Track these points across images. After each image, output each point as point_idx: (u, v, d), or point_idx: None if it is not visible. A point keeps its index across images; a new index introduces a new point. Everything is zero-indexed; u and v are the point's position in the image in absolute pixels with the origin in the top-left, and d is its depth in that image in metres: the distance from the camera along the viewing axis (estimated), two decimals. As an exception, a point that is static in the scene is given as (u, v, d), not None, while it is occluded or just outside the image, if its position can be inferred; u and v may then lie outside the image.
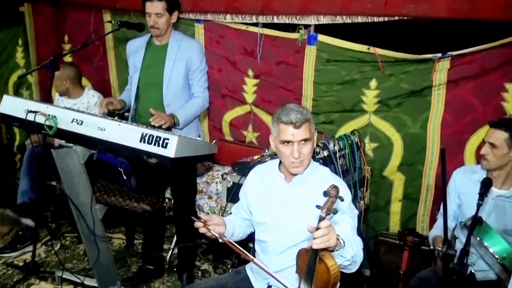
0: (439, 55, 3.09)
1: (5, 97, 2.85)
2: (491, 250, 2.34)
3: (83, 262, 3.77)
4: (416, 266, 3.19)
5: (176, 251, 3.72)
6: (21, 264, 3.64)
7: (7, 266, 3.64)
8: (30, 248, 3.65)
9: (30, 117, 2.60)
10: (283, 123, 2.10)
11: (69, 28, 4.63)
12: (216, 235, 2.10)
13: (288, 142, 2.11)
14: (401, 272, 3.35)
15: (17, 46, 4.96)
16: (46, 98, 3.14)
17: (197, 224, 2.09)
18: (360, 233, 2.25)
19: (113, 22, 3.35)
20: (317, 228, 1.73)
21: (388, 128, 3.43)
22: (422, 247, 3.29)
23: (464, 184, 2.75)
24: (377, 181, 3.57)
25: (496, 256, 2.32)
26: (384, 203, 3.61)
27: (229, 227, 2.25)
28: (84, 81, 4.62)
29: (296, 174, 2.21)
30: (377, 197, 3.61)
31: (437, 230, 2.74)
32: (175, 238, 3.75)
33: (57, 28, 4.67)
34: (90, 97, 3.96)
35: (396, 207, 3.58)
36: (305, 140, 2.11)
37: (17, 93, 5.09)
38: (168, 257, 3.79)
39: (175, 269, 3.66)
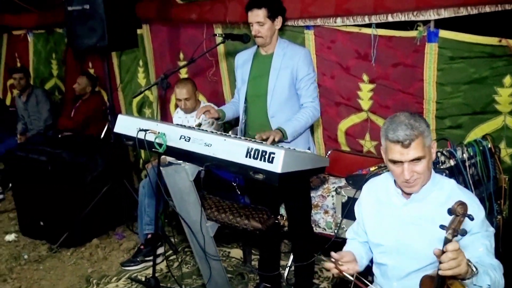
0: None
1: (119, 116, 2.98)
2: None
3: (202, 278, 3.75)
4: None
5: (293, 268, 3.58)
6: (143, 278, 3.73)
7: (131, 281, 3.76)
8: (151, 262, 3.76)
9: (141, 135, 2.66)
10: (390, 141, 1.86)
11: (183, 45, 4.75)
12: (349, 276, 1.94)
13: (396, 162, 1.88)
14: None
15: (138, 67, 5.22)
16: (164, 115, 3.19)
17: (328, 265, 1.96)
18: (498, 254, 1.93)
19: (217, 35, 3.34)
20: (443, 252, 1.53)
21: (528, 130, 3.03)
22: None
23: None
24: (517, 191, 3.16)
25: None
26: (528, 217, 3.17)
27: (359, 260, 2.09)
28: (199, 95, 4.71)
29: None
30: (518, 210, 3.19)
31: None
32: (291, 255, 3.62)
33: (172, 47, 4.82)
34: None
35: (543, 221, 3.13)
36: (417, 159, 1.85)
37: (140, 112, 5.37)
38: (285, 275, 3.66)
39: (292, 287, 3.52)
